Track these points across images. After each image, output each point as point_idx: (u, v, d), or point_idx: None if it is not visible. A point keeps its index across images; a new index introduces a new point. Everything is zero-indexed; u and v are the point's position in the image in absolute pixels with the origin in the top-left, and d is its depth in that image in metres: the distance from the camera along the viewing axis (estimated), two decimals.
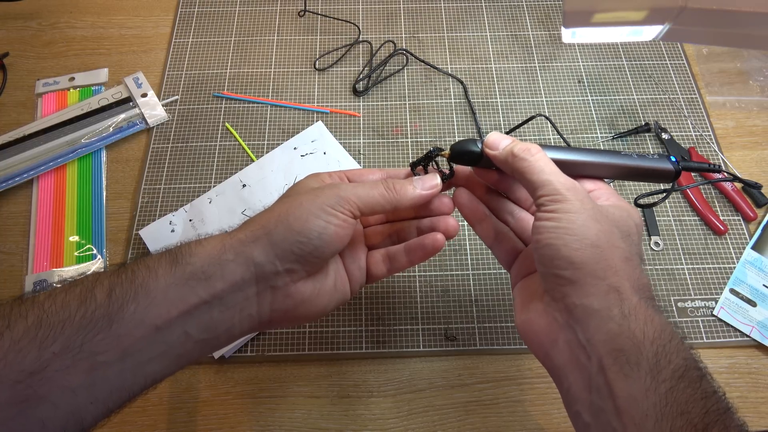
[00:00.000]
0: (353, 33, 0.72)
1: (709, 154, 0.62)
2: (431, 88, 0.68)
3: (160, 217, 0.58)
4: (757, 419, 0.49)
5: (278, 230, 0.33)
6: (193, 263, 0.32)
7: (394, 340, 0.52)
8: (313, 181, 0.38)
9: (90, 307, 0.29)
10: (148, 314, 0.30)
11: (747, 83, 0.68)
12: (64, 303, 0.29)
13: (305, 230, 0.32)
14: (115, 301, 0.30)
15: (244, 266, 0.32)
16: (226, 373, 0.50)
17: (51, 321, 0.28)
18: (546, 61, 0.70)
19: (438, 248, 0.39)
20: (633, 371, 0.28)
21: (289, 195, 0.36)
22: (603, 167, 0.37)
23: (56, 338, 0.28)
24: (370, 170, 0.40)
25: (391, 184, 0.36)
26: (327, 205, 0.33)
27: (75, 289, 0.30)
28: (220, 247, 0.32)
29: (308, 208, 0.33)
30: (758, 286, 0.54)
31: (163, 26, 0.73)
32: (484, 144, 0.36)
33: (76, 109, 0.64)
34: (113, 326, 0.29)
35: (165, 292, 0.31)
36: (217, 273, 0.32)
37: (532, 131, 0.64)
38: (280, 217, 0.33)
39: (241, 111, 0.66)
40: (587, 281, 0.30)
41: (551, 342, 0.32)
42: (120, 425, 0.48)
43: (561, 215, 0.31)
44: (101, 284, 0.30)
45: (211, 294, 0.32)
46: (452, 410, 0.49)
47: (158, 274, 0.31)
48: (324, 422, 0.48)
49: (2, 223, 0.58)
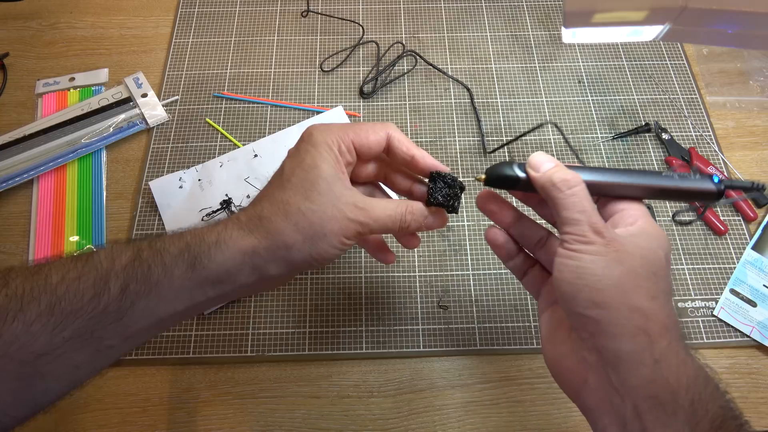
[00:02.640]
0: (354, 33, 0.72)
1: (709, 154, 0.62)
2: (432, 89, 0.68)
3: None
4: (757, 419, 0.49)
5: (299, 254, 0.34)
6: (210, 269, 0.33)
7: (394, 340, 0.52)
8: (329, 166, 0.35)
9: (103, 299, 0.30)
10: (157, 309, 0.32)
11: (747, 83, 0.68)
12: (77, 293, 0.30)
13: (320, 257, 0.34)
14: (128, 297, 0.31)
15: (257, 275, 0.34)
16: (226, 373, 0.50)
17: (64, 309, 0.29)
18: (546, 61, 0.70)
19: (387, 263, 0.43)
20: (670, 420, 0.28)
21: (310, 194, 0.34)
22: (643, 189, 0.36)
23: (67, 326, 0.29)
24: (373, 133, 0.37)
25: (408, 223, 0.37)
26: (346, 237, 0.34)
27: (89, 276, 0.31)
28: (239, 260, 0.33)
29: (330, 241, 0.34)
30: (758, 287, 0.54)
31: (163, 26, 0.73)
32: (528, 164, 0.35)
33: (76, 109, 0.64)
34: (123, 319, 0.31)
35: (177, 293, 0.32)
36: (230, 280, 0.34)
37: (539, 136, 0.64)
38: (305, 244, 0.34)
39: (241, 111, 0.66)
40: (612, 322, 0.29)
41: (582, 381, 0.32)
42: (120, 425, 0.48)
43: (584, 255, 0.31)
44: (116, 276, 0.31)
45: (218, 294, 0.34)
46: (452, 410, 0.49)
47: (174, 275, 0.32)
48: (324, 422, 0.48)
49: (2, 223, 0.58)
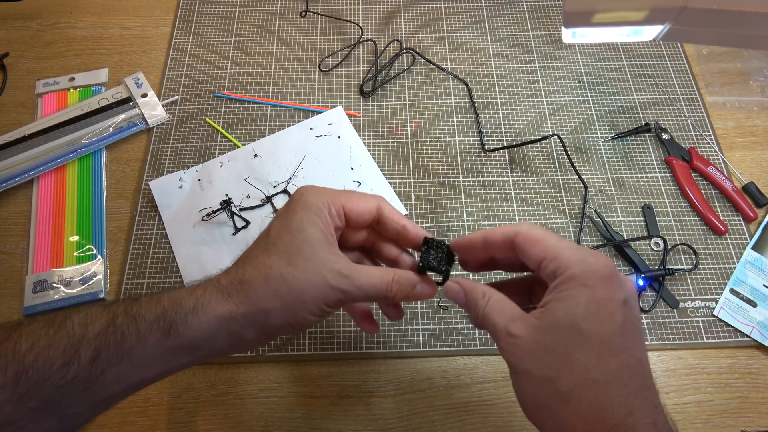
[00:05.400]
0: (354, 33, 0.72)
1: (709, 154, 0.62)
2: (432, 88, 0.68)
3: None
4: (757, 419, 0.48)
5: (277, 320, 0.33)
6: (185, 336, 0.32)
7: (394, 340, 0.52)
8: (316, 229, 0.34)
9: (72, 368, 0.29)
10: (128, 376, 0.31)
11: (747, 83, 0.68)
12: (47, 361, 0.29)
13: (299, 324, 0.34)
14: (98, 365, 0.30)
15: (233, 341, 0.34)
16: (227, 373, 0.50)
17: (31, 378, 0.29)
18: (546, 61, 0.70)
19: (370, 332, 0.43)
20: None
21: (293, 259, 0.33)
22: None
23: (33, 395, 0.28)
24: (365, 202, 0.37)
25: (394, 293, 0.35)
26: (327, 305, 0.34)
27: (60, 344, 0.30)
28: (215, 326, 0.33)
29: (311, 308, 0.33)
30: (758, 287, 0.54)
31: (163, 26, 0.73)
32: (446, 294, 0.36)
33: (76, 109, 0.64)
34: (93, 387, 0.30)
35: (150, 360, 0.32)
36: (205, 346, 0.33)
37: (540, 147, 0.64)
38: (283, 310, 0.33)
39: (241, 111, 0.66)
40: None
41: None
42: (120, 425, 0.48)
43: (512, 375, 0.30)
44: (88, 344, 0.30)
45: (192, 360, 0.33)
46: (452, 410, 0.49)
47: (147, 342, 0.31)
48: (324, 422, 0.48)
49: (2, 223, 0.58)
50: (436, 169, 0.61)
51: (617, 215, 0.58)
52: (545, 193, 0.60)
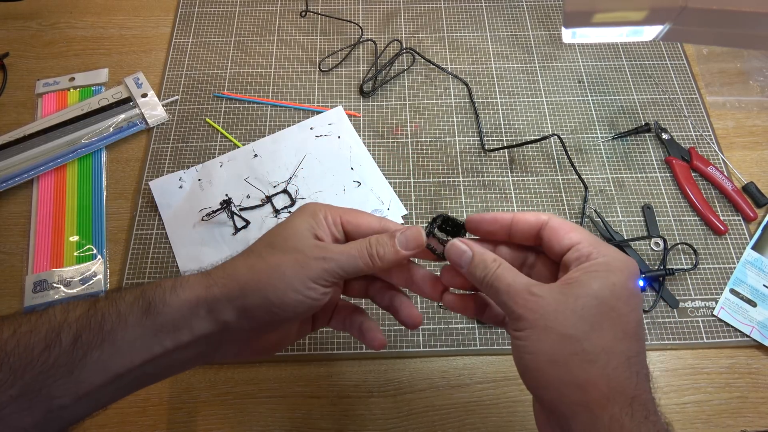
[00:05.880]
0: (354, 33, 0.72)
1: (709, 154, 0.62)
2: (432, 88, 0.68)
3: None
4: (757, 419, 0.49)
5: (254, 297, 0.32)
6: (165, 314, 0.32)
7: (394, 340, 0.52)
8: (305, 224, 0.35)
9: (54, 352, 0.29)
10: (111, 363, 0.31)
11: (747, 83, 0.68)
12: (28, 346, 0.29)
13: (282, 303, 0.32)
14: (79, 348, 0.30)
15: (214, 323, 0.33)
16: (226, 373, 0.50)
17: (12, 364, 0.28)
18: (546, 61, 0.70)
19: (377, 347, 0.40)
20: None
21: (276, 245, 0.34)
22: None
23: (15, 382, 0.28)
24: (368, 217, 0.37)
25: (375, 251, 0.34)
26: (310, 278, 0.33)
27: (41, 329, 0.30)
28: (194, 302, 0.32)
29: (290, 282, 0.32)
30: (758, 287, 0.54)
31: (163, 26, 0.73)
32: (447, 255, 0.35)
33: (76, 109, 0.64)
34: (74, 372, 0.30)
35: (132, 343, 0.31)
36: (186, 326, 0.32)
37: (540, 147, 0.64)
38: (260, 283, 0.32)
39: (241, 111, 0.66)
40: (556, 401, 0.29)
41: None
42: (120, 425, 0.48)
43: (519, 332, 0.30)
44: (69, 327, 0.30)
45: (176, 344, 0.32)
46: (452, 410, 0.49)
47: (128, 323, 0.31)
48: (324, 422, 0.48)
49: (2, 223, 0.58)
50: (436, 169, 0.61)
51: (617, 215, 0.58)
52: (545, 193, 0.60)
